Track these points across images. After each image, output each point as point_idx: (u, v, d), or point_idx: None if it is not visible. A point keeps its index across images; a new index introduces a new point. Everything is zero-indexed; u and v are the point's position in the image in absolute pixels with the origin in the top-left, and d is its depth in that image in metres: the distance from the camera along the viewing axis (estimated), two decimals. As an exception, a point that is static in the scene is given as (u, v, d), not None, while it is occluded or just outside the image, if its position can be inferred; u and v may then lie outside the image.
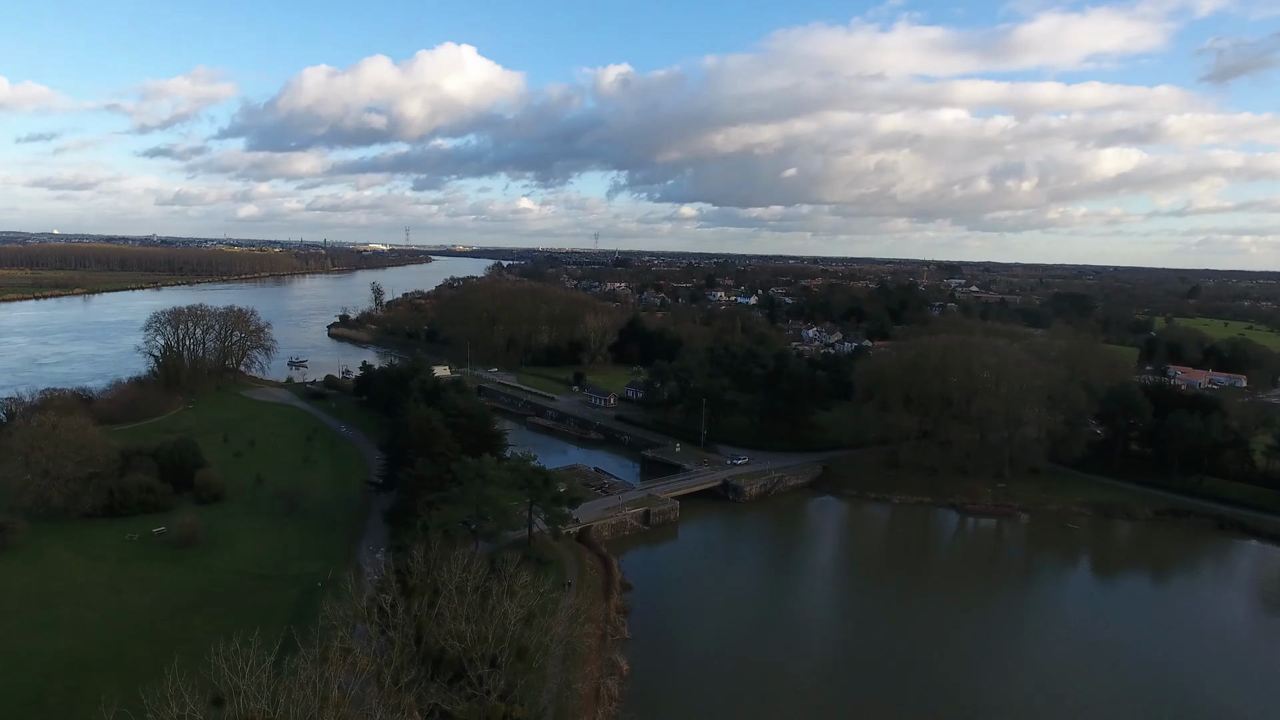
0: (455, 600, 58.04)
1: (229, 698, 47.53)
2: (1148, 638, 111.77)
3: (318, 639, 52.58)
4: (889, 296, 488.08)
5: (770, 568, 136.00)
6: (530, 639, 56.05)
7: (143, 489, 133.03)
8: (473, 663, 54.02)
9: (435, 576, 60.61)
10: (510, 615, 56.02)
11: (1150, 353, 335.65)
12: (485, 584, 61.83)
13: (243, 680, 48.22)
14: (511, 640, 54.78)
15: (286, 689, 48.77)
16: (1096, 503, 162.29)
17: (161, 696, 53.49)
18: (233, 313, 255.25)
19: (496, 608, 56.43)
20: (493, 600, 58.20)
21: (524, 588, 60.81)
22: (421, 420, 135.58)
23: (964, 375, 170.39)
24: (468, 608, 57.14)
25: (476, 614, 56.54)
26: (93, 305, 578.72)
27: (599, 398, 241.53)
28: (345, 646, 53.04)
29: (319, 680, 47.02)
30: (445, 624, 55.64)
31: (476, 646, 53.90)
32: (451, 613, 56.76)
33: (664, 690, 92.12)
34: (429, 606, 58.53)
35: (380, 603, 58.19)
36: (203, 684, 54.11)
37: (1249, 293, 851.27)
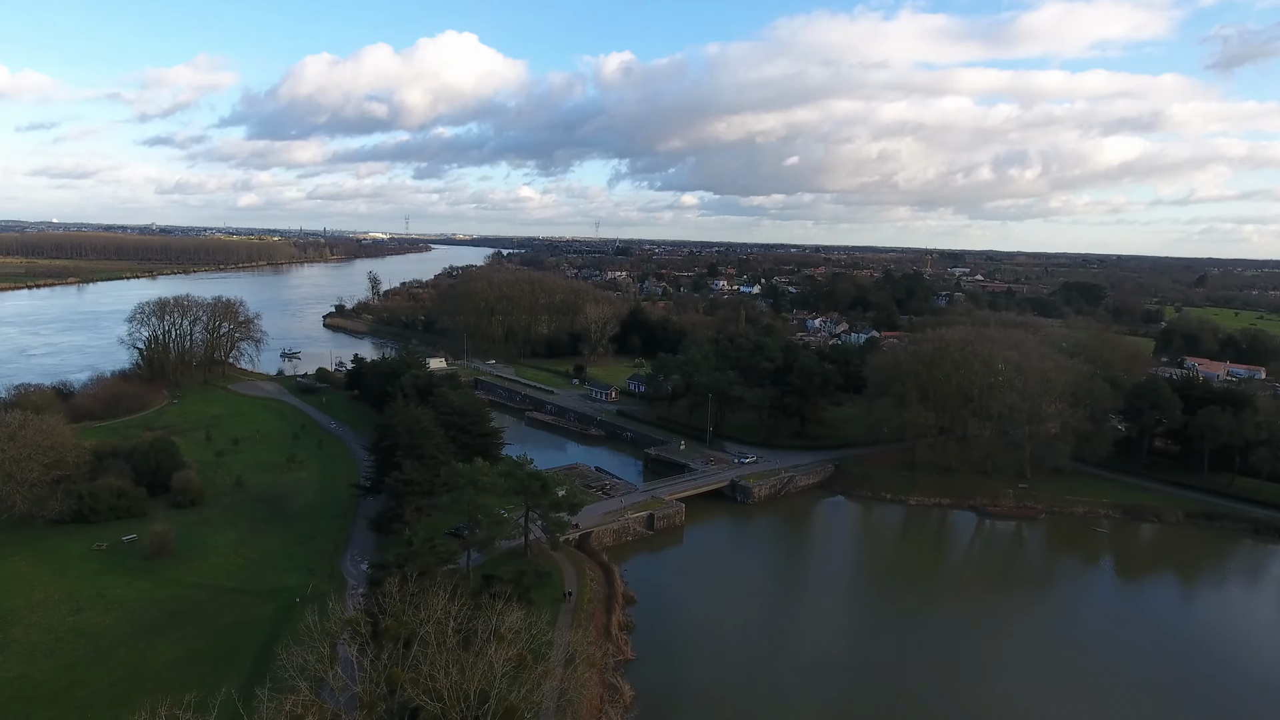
0: (433, 645, 49.87)
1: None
2: (1176, 654, 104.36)
3: (266, 702, 44.34)
4: (895, 286, 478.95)
5: (781, 577, 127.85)
6: (518, 695, 48.04)
7: (115, 493, 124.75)
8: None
9: (411, 617, 52.46)
10: (496, 666, 47.94)
11: (1166, 344, 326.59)
12: (469, 624, 53.70)
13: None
14: (497, 697, 46.76)
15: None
16: (1124, 504, 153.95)
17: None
18: (220, 303, 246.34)
19: (480, 656, 48.34)
20: (477, 644, 50.08)
21: (512, 631, 52.60)
22: (410, 421, 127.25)
23: (984, 370, 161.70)
24: (448, 653, 49.02)
25: (458, 662, 48.47)
26: (87, 295, 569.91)
27: (600, 391, 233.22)
28: (299, 709, 44.93)
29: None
30: (421, 676, 47.55)
31: (456, 707, 45.88)
32: (429, 661, 48.67)
33: (669, 718, 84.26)
34: (403, 652, 50.42)
35: (346, 649, 50.15)
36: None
37: (1256, 281, 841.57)
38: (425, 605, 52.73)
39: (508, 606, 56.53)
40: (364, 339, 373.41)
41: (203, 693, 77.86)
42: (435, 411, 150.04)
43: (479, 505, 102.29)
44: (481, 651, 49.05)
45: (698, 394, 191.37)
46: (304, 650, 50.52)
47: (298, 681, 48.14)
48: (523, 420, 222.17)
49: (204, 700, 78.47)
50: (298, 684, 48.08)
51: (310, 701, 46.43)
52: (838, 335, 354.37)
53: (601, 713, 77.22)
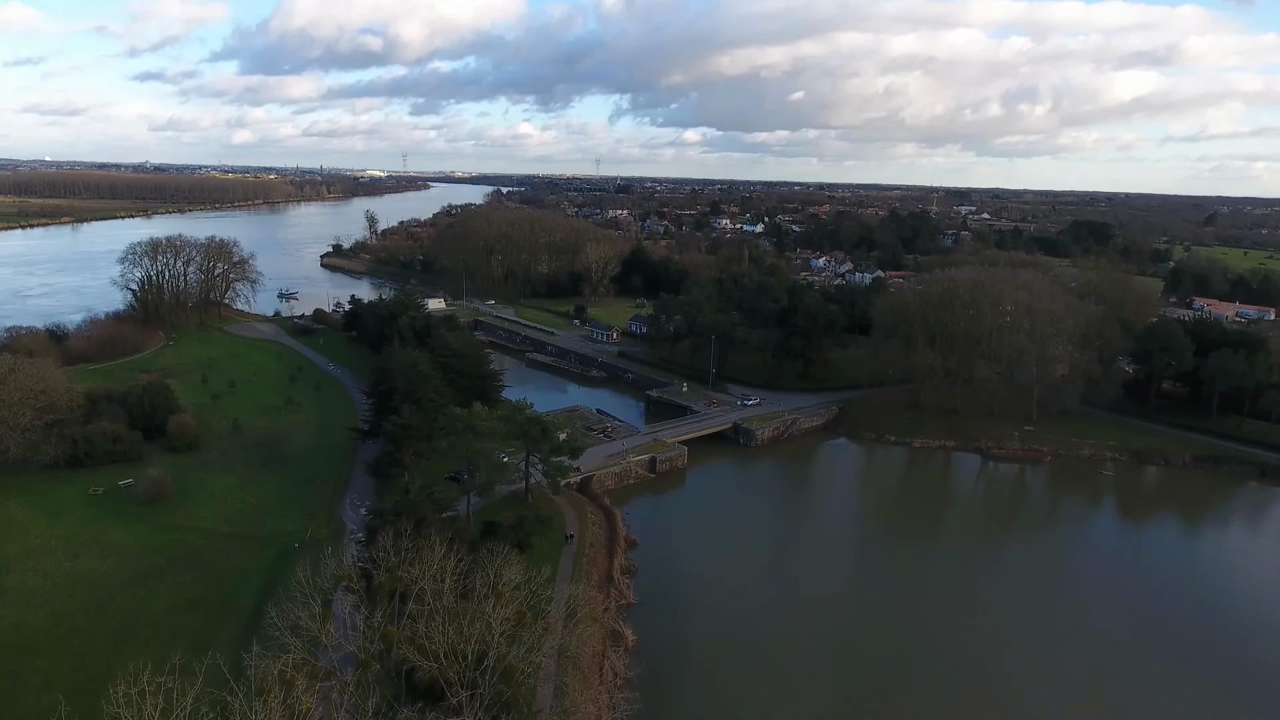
0: (430, 601, 48.02)
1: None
2: (1176, 594, 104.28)
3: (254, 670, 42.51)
4: (901, 224, 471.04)
5: (783, 520, 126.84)
6: (518, 654, 46.41)
7: (109, 438, 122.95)
8: (451, 685, 44.51)
9: (406, 573, 50.54)
10: (494, 625, 46.15)
11: (1176, 284, 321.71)
12: (467, 580, 51.84)
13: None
14: (496, 656, 45.11)
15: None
16: (1131, 448, 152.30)
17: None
18: (214, 243, 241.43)
19: (478, 616, 46.51)
20: (475, 601, 48.23)
21: (511, 586, 50.71)
22: (407, 364, 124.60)
23: (994, 312, 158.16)
24: (444, 611, 47.20)
25: (455, 621, 46.69)
26: (81, 234, 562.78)
27: (601, 333, 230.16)
28: (289, 671, 43.20)
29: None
30: (418, 634, 45.80)
31: (453, 665, 44.24)
32: (425, 619, 46.86)
33: (672, 664, 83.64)
34: (399, 607, 48.63)
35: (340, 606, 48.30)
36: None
37: (1265, 220, 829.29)
38: (421, 560, 50.78)
39: (506, 560, 54.58)
40: (362, 279, 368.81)
41: (197, 649, 77.94)
42: (433, 354, 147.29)
43: (478, 451, 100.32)
44: (479, 610, 47.23)
45: (700, 335, 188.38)
46: (296, 607, 48.71)
47: (289, 639, 46.40)
48: (523, 362, 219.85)
49: (202, 644, 78.53)
50: (289, 642, 46.34)
51: (302, 661, 44.82)
52: (842, 275, 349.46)
53: (604, 661, 76.34)
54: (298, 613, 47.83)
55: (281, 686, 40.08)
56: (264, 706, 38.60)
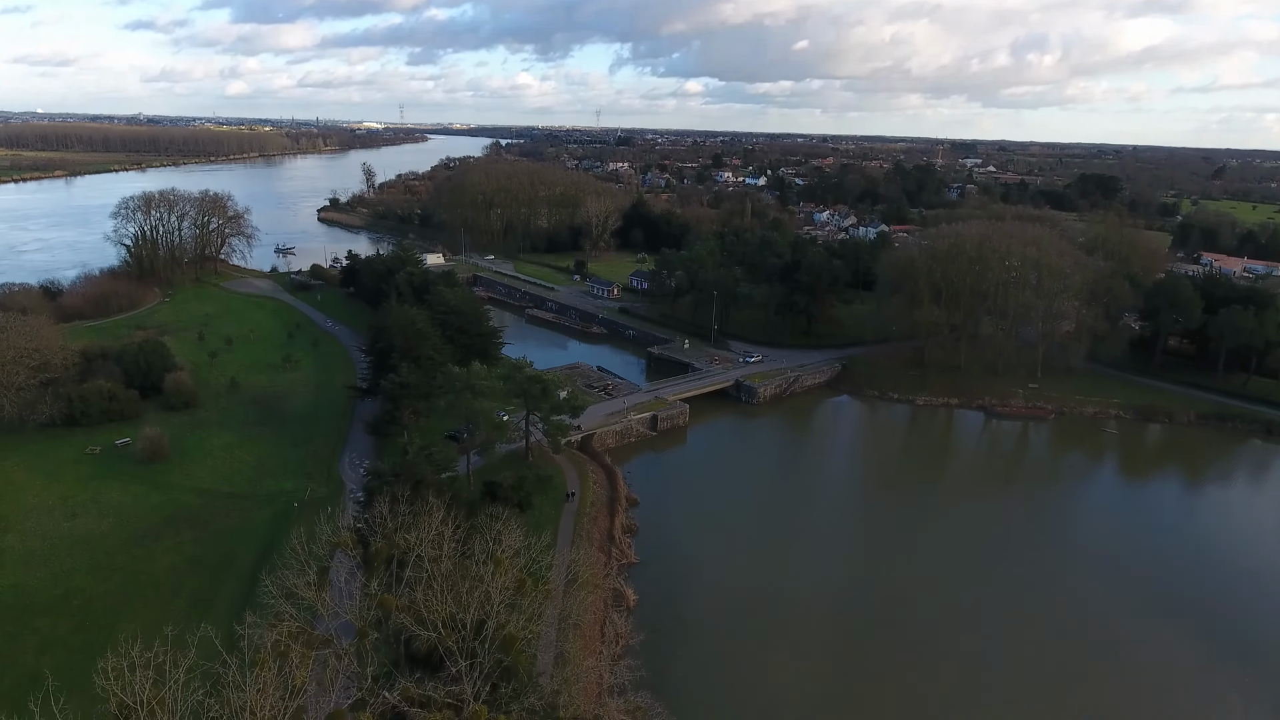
0: (428, 569, 47.04)
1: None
2: (1175, 552, 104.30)
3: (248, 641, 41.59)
4: (906, 177, 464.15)
5: (785, 478, 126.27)
6: (517, 624, 45.54)
7: (105, 396, 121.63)
8: (450, 654, 43.71)
9: (403, 539, 49.49)
10: (494, 594, 45.20)
11: (1184, 238, 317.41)
12: (465, 547, 50.80)
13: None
14: (495, 627, 44.24)
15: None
16: (1136, 405, 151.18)
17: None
18: (208, 198, 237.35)
19: (477, 585, 45.54)
20: (474, 568, 47.24)
21: (511, 552, 49.67)
22: (405, 322, 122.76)
23: (1001, 267, 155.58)
24: (442, 579, 46.24)
25: (453, 589, 45.74)
26: (75, 188, 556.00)
27: (602, 288, 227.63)
28: (284, 641, 42.34)
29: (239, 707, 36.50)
30: (416, 602, 44.88)
31: (452, 635, 43.42)
32: (423, 586, 45.90)
33: (673, 625, 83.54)
34: (397, 573, 47.68)
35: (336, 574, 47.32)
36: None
37: (1275, 174, 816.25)
38: (419, 525, 49.72)
39: (506, 525, 53.53)
40: (359, 233, 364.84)
41: (198, 610, 77.66)
42: (432, 311, 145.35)
43: (477, 410, 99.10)
44: (478, 577, 46.26)
45: (702, 291, 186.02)
46: (291, 574, 47.77)
47: (283, 607, 45.51)
48: (523, 318, 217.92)
49: (203, 604, 78.29)
50: (284, 610, 45.45)
51: (298, 630, 43.97)
52: (845, 229, 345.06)
53: (604, 626, 76.04)
54: (293, 580, 46.89)
55: (275, 659, 39.26)
56: (256, 679, 37.69)
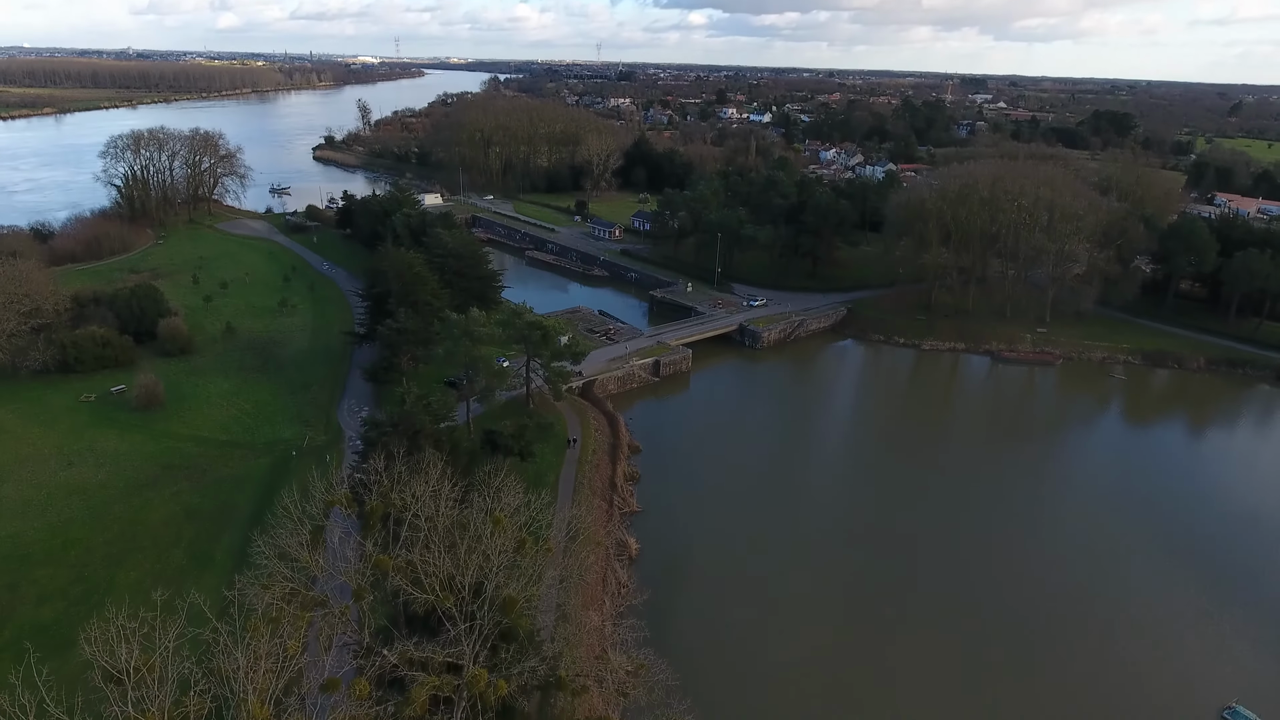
0: (425, 529, 45.57)
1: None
2: (1181, 494, 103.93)
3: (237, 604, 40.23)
4: (914, 114, 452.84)
5: (788, 424, 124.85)
6: (518, 586, 44.28)
7: (99, 343, 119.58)
8: (449, 616, 42.54)
9: (399, 496, 47.94)
10: (493, 557, 43.79)
11: (1198, 178, 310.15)
12: (463, 505, 49.26)
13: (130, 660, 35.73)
14: (494, 589, 42.96)
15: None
16: (1145, 350, 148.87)
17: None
18: (199, 136, 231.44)
19: (476, 546, 44.09)
20: (472, 528, 45.78)
21: (510, 509, 48.18)
22: (402, 266, 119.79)
23: (1014, 209, 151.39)
24: (439, 540, 44.80)
25: (453, 547, 44.35)
26: (65, 126, 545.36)
27: (603, 229, 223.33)
28: (277, 604, 41.07)
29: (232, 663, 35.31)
30: (413, 563, 43.51)
31: (449, 598, 42.16)
32: (420, 548, 44.49)
33: (677, 574, 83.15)
34: (393, 536, 46.28)
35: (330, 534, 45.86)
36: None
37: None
38: (414, 483, 48.14)
39: (505, 482, 51.97)
40: (356, 173, 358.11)
41: (196, 561, 76.95)
42: (429, 254, 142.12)
43: (476, 358, 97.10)
44: (476, 537, 44.81)
45: (706, 233, 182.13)
46: (284, 533, 46.38)
47: (277, 568, 44.20)
48: (522, 260, 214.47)
49: (201, 556, 77.67)
50: (277, 570, 44.15)
51: (291, 592, 42.72)
52: (852, 168, 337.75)
53: (605, 583, 75.39)
54: (286, 539, 45.54)
55: (267, 625, 38.04)
56: (249, 648, 36.45)
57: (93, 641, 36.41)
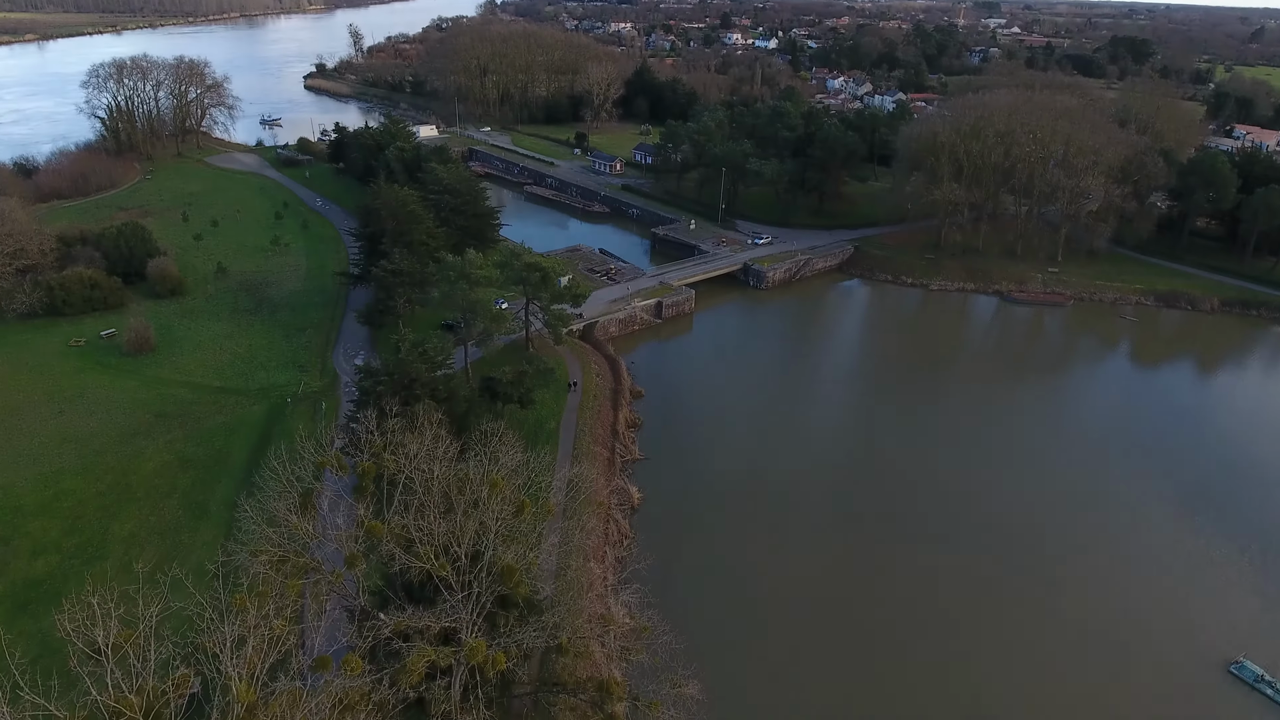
0: (419, 490, 43.63)
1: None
2: (1187, 438, 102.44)
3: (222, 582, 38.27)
4: (926, 40, 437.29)
5: (793, 366, 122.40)
6: (516, 553, 42.54)
7: (87, 284, 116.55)
8: (446, 584, 40.96)
9: (392, 458, 45.85)
10: (490, 524, 41.91)
11: (1218, 109, 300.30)
12: (459, 464, 47.21)
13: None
14: (492, 558, 41.24)
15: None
16: (1157, 291, 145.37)
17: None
18: (184, 64, 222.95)
19: (471, 511, 42.17)
20: (469, 489, 43.83)
21: (507, 472, 46.13)
22: (396, 204, 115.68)
23: (1031, 142, 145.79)
24: (434, 507, 42.90)
25: (449, 513, 42.53)
26: (49, 54, 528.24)
27: (603, 163, 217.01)
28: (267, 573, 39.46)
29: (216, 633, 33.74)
30: (407, 529, 41.71)
31: (445, 566, 40.48)
32: (415, 513, 42.62)
33: (679, 523, 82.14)
34: (387, 499, 44.37)
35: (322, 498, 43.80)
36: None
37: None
38: (408, 442, 46.06)
39: (503, 442, 49.83)
40: (349, 102, 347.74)
41: (191, 512, 75.58)
42: (424, 190, 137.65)
43: (473, 301, 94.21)
44: (473, 501, 42.91)
45: (709, 166, 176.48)
46: (272, 496, 44.50)
47: (265, 532, 42.41)
48: (521, 195, 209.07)
49: (197, 506, 76.44)
50: (266, 535, 42.37)
51: (281, 558, 41.01)
52: (860, 98, 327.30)
53: (609, 528, 74.20)
54: (274, 504, 43.68)
55: (254, 599, 36.41)
56: (235, 624, 34.88)
57: (70, 618, 34.70)
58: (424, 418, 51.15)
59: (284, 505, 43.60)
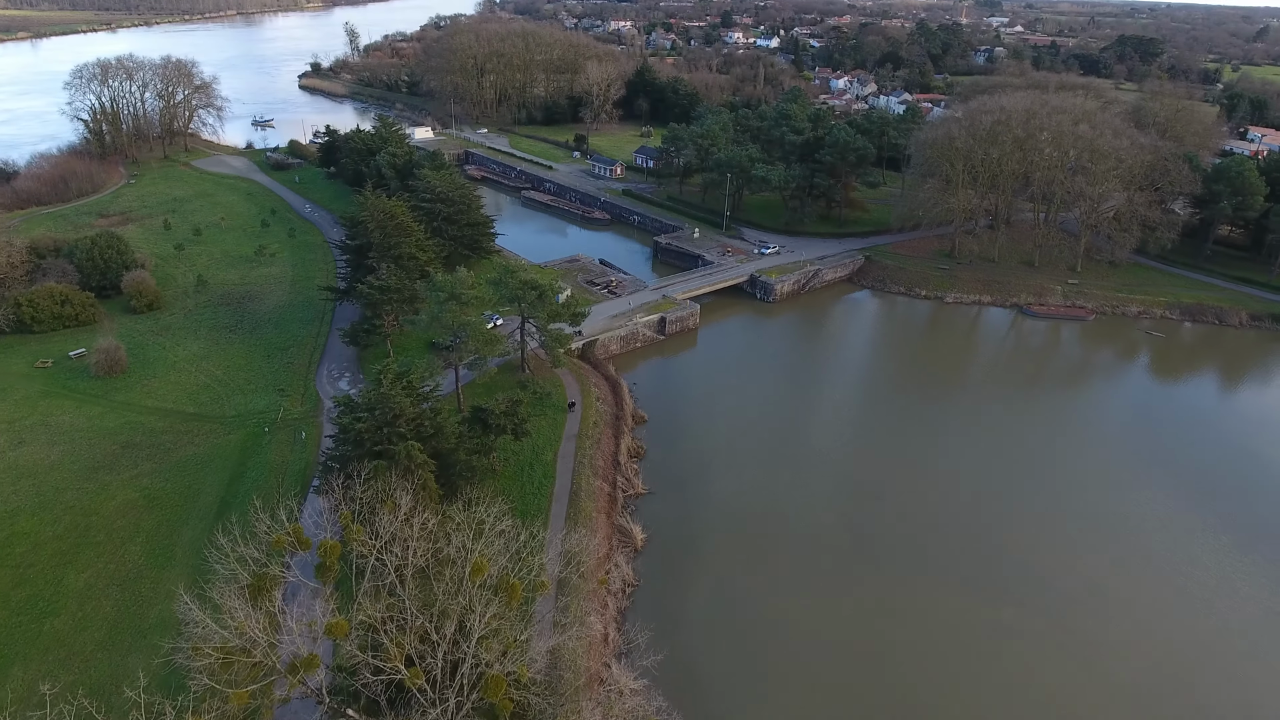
0: (392, 576, 37.28)
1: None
2: (1223, 474, 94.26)
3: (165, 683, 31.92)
4: (930, 39, 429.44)
5: (803, 385, 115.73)
6: (502, 663, 36.06)
7: (58, 300, 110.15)
8: (422, 690, 34.74)
9: (358, 540, 39.51)
10: (473, 625, 35.45)
11: (1232, 110, 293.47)
12: (437, 545, 40.84)
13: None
14: (473, 666, 34.95)
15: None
16: (1183, 304, 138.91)
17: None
18: (171, 64, 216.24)
19: (449, 608, 35.82)
20: (446, 579, 37.47)
21: (493, 549, 39.72)
22: (383, 215, 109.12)
23: (1053, 146, 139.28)
24: (411, 591, 36.58)
25: (426, 608, 36.23)
26: (42, 51, 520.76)
27: (604, 167, 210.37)
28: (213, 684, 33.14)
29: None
30: (376, 620, 35.40)
31: (418, 675, 34.20)
32: (385, 606, 36.27)
33: (686, 566, 75.85)
34: (355, 578, 38.05)
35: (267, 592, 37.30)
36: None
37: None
38: (379, 516, 39.73)
39: (488, 509, 43.36)
40: (344, 103, 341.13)
41: (153, 558, 68.98)
42: (416, 198, 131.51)
43: (463, 323, 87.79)
44: (455, 588, 36.58)
45: (714, 171, 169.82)
46: (219, 582, 38.04)
47: (209, 628, 36.01)
48: (518, 200, 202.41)
49: (159, 552, 69.98)
50: (210, 632, 35.97)
51: (227, 658, 34.61)
52: (865, 98, 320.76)
53: (609, 579, 67.78)
54: (223, 591, 37.26)
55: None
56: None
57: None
58: (398, 483, 44.62)
59: (233, 591, 37.21)
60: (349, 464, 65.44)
